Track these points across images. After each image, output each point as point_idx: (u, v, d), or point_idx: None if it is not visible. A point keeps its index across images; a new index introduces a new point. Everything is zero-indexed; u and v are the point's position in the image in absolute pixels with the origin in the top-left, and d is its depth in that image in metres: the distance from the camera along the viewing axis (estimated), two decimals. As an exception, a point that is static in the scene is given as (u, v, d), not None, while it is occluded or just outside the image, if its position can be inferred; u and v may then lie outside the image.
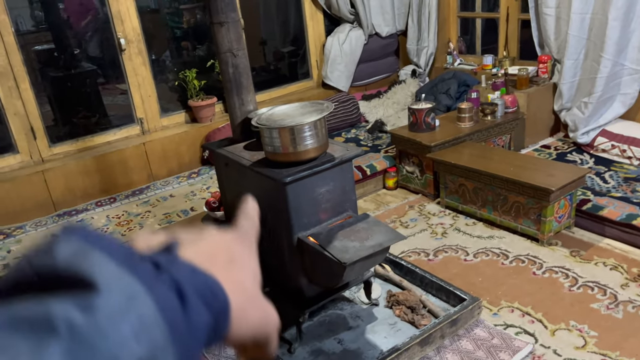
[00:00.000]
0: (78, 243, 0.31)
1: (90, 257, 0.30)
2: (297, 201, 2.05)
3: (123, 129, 3.90)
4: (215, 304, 0.35)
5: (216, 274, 0.36)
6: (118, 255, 0.31)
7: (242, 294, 0.39)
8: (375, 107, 4.59)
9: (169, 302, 0.32)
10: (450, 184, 3.30)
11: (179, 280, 0.33)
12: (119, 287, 0.30)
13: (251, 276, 0.42)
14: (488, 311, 2.40)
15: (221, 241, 0.41)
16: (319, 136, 2.03)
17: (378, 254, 1.98)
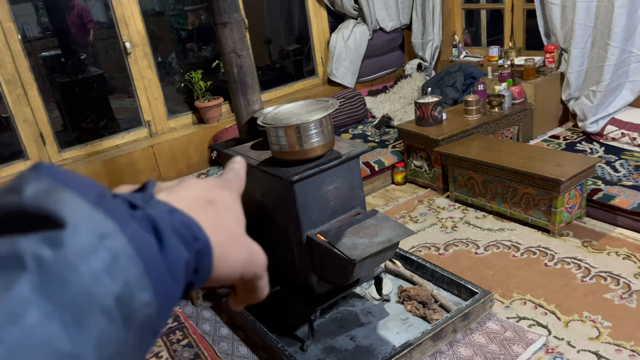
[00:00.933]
0: (47, 182, 0.30)
1: (59, 195, 0.29)
2: (305, 199, 2.05)
3: (131, 132, 3.92)
4: (194, 243, 0.34)
5: (195, 215, 0.36)
6: (88, 194, 0.31)
7: (223, 233, 0.38)
8: (382, 102, 4.58)
9: (144, 239, 0.31)
10: (459, 177, 3.28)
11: (155, 218, 0.32)
12: (88, 224, 0.29)
13: (233, 217, 0.41)
14: (500, 304, 2.39)
15: (201, 185, 0.41)
16: (325, 133, 2.03)
17: (387, 249, 1.98)
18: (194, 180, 0.41)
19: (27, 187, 0.29)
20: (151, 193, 0.36)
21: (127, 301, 0.29)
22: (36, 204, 0.29)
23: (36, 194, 0.29)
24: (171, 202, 0.36)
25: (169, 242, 0.32)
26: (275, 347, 2.20)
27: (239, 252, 0.40)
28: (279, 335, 2.34)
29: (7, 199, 0.29)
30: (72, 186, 0.30)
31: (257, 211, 2.37)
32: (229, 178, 0.45)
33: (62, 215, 0.29)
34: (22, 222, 0.28)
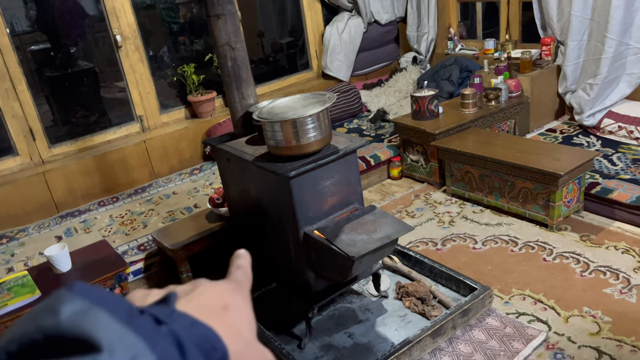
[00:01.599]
0: (81, 302, 0.31)
1: (93, 316, 0.31)
2: (302, 195, 2.01)
3: (123, 127, 3.86)
4: (214, 356, 0.35)
5: (212, 322, 0.37)
6: (119, 312, 0.32)
7: (238, 341, 0.39)
8: (377, 96, 4.54)
9: (170, 356, 0.32)
10: (455, 171, 3.25)
11: (179, 334, 0.34)
12: (122, 346, 0.30)
13: (247, 323, 0.43)
14: (499, 300, 2.37)
15: (215, 291, 0.42)
16: (322, 128, 1.98)
17: (386, 246, 1.94)
18: (208, 285, 0.43)
19: (63, 308, 0.31)
20: (173, 307, 0.37)
21: None
22: (73, 326, 0.30)
23: (72, 316, 0.30)
24: (188, 307, 0.38)
25: (192, 356, 0.33)
26: (273, 345, 2.17)
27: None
28: (275, 333, 2.30)
29: (45, 321, 0.30)
30: (105, 305, 0.32)
31: (252, 207, 2.33)
32: (239, 279, 0.47)
33: (97, 337, 0.30)
34: (60, 344, 0.29)
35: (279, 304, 2.52)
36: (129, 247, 2.91)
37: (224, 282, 0.45)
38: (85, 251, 2.63)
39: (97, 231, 3.16)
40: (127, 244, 2.94)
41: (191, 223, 2.79)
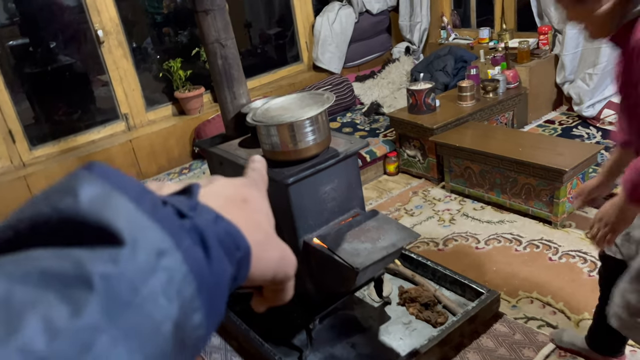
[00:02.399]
0: (102, 185, 0.29)
1: (115, 203, 0.28)
2: (301, 202, 1.89)
3: (107, 126, 3.70)
4: (237, 253, 0.34)
5: (233, 215, 0.36)
6: (143, 200, 0.30)
7: (259, 234, 0.38)
8: (370, 88, 4.41)
9: (196, 256, 0.30)
10: (455, 167, 3.15)
11: (203, 230, 0.32)
12: (146, 241, 0.28)
13: (266, 216, 0.42)
14: (506, 303, 2.28)
15: (234, 184, 0.41)
16: (320, 131, 1.86)
17: (392, 255, 1.84)
18: (226, 179, 0.42)
19: (82, 190, 0.28)
20: (196, 199, 0.35)
21: (182, 325, 0.29)
22: (93, 211, 0.27)
23: (93, 201, 0.28)
24: (209, 199, 0.36)
25: (216, 255, 0.32)
26: (272, 358, 2.06)
27: (273, 253, 0.40)
28: (274, 345, 2.20)
29: (62, 202, 0.28)
30: (127, 191, 0.29)
31: (247, 213, 2.21)
32: (255, 177, 0.45)
33: (119, 228, 0.28)
34: (76, 229, 0.27)
35: (277, 314, 2.41)
36: (117, 255, 2.78)
37: (240, 178, 0.44)
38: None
39: (83, 237, 3.02)
40: (116, 251, 2.81)
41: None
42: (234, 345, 2.30)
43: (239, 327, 2.26)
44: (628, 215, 1.27)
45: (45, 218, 0.27)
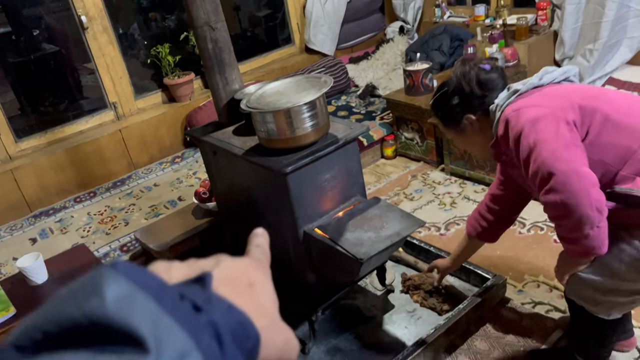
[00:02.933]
0: (126, 285, 0.30)
1: (140, 304, 0.30)
2: (300, 192, 1.81)
3: (95, 116, 3.59)
4: (247, 343, 0.35)
5: (241, 300, 0.37)
6: (165, 298, 0.31)
7: (265, 319, 0.39)
8: (364, 69, 4.31)
9: (213, 351, 0.32)
10: (454, 149, 3.08)
11: (218, 324, 0.33)
12: (170, 345, 0.29)
13: (271, 300, 0.43)
14: (512, 288, 2.23)
15: (239, 266, 0.42)
16: (319, 117, 1.78)
17: (396, 244, 1.77)
18: (231, 260, 0.42)
19: (108, 291, 0.29)
20: (210, 291, 0.36)
21: None
22: (120, 315, 0.28)
23: (119, 302, 0.29)
24: (220, 290, 0.37)
25: (229, 349, 0.33)
26: (274, 352, 2.00)
27: (278, 338, 0.40)
28: (276, 338, 2.14)
29: (90, 304, 0.29)
30: (150, 290, 0.31)
31: (243, 203, 2.13)
32: (259, 257, 0.46)
33: (144, 334, 0.28)
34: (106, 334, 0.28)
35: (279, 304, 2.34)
36: (110, 249, 2.70)
37: (245, 258, 0.44)
38: (62, 258, 2.41)
39: (74, 231, 2.94)
40: (109, 245, 2.73)
41: (177, 220, 2.58)
42: (235, 339, 2.23)
43: (239, 320, 2.20)
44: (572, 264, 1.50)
45: (74, 321, 0.28)
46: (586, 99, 1.37)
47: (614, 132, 1.32)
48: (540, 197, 1.36)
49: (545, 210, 1.39)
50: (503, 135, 1.42)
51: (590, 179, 1.27)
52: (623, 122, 1.33)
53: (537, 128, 1.32)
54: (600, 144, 1.33)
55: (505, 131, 1.41)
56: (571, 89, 1.44)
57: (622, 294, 1.46)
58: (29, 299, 2.12)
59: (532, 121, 1.33)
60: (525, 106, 1.39)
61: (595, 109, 1.34)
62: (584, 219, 1.28)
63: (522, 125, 1.35)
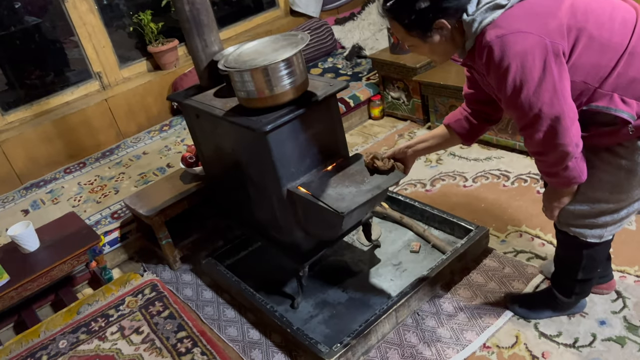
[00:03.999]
0: None
1: None
2: (282, 150, 1.84)
3: (81, 87, 3.57)
4: None
5: None
6: None
7: None
8: (350, 31, 4.27)
9: None
10: (440, 106, 3.09)
11: None
12: None
13: None
14: (495, 239, 2.28)
15: None
16: (297, 74, 1.78)
17: (377, 197, 1.81)
18: None
19: None
20: None
21: None
22: None
23: None
24: None
25: None
26: (264, 308, 2.06)
27: None
28: (266, 294, 2.20)
29: None
30: None
31: (229, 165, 2.16)
32: None
33: None
34: None
35: (267, 263, 2.40)
36: (101, 216, 2.73)
37: None
38: (53, 226, 2.45)
39: (65, 201, 2.96)
40: (100, 213, 2.76)
41: (165, 185, 2.61)
42: (226, 298, 2.29)
43: (230, 279, 2.25)
44: (556, 196, 1.53)
45: None
46: (574, 17, 1.27)
47: (596, 52, 1.28)
48: (521, 132, 1.38)
49: (526, 145, 1.42)
50: (485, 63, 1.31)
51: (572, 116, 1.28)
52: (605, 41, 1.27)
53: (525, 65, 1.25)
54: (582, 65, 1.28)
55: (487, 60, 1.30)
56: (558, 2, 1.29)
57: (613, 211, 1.49)
58: (22, 266, 2.17)
59: (520, 56, 1.25)
60: (510, 31, 1.25)
61: (582, 30, 1.27)
62: (564, 154, 1.33)
63: (509, 62, 1.26)
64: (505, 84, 1.30)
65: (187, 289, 2.41)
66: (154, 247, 2.59)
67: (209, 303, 2.29)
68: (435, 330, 1.91)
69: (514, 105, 1.34)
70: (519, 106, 1.32)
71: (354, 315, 2.04)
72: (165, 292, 2.20)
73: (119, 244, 2.64)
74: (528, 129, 1.35)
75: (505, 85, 1.30)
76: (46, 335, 2.10)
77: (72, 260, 2.20)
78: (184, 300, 2.33)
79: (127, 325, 2.08)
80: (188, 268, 2.53)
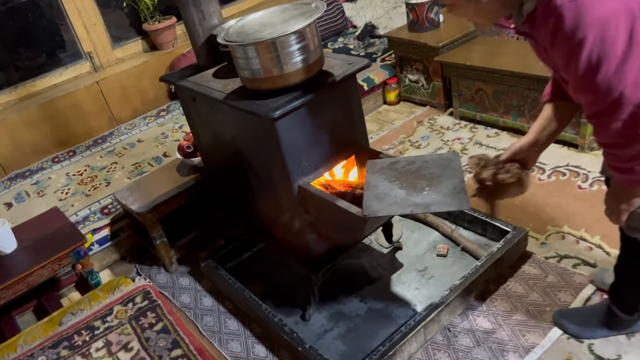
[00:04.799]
0: None
1: None
2: (292, 140, 1.56)
3: (70, 68, 3.29)
4: None
5: None
6: None
7: None
8: (362, 8, 3.96)
9: None
10: (464, 90, 2.79)
11: None
12: None
13: None
14: (534, 241, 2.00)
15: None
16: (310, 49, 1.50)
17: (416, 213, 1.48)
18: None
19: None
20: None
21: None
22: None
23: None
24: None
25: None
26: (271, 321, 1.80)
27: None
28: (273, 303, 1.94)
29: None
30: None
31: (230, 156, 1.88)
32: None
33: None
34: None
35: (274, 266, 2.13)
36: (90, 212, 2.47)
37: None
38: (33, 224, 2.18)
39: (52, 194, 2.70)
40: (89, 208, 2.50)
41: (160, 177, 2.34)
42: (228, 306, 2.03)
43: (232, 285, 1.99)
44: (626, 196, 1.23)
45: None
46: None
47: None
48: (592, 119, 1.09)
49: (597, 135, 1.13)
50: (551, 32, 1.04)
51: None
52: None
53: (606, 36, 0.98)
54: None
55: (554, 29, 1.03)
56: None
57: None
58: (-2, 271, 1.91)
59: (599, 24, 0.98)
60: None
61: None
62: None
63: (585, 32, 0.99)
64: (578, 61, 1.01)
65: (184, 294, 2.14)
66: (148, 246, 2.33)
67: (209, 312, 2.03)
68: (470, 350, 1.64)
69: (587, 88, 1.05)
70: (594, 89, 1.04)
71: (374, 329, 1.77)
72: (159, 300, 1.94)
73: (109, 242, 2.38)
74: (603, 117, 1.07)
75: (578, 62, 1.02)
76: (24, 350, 1.85)
77: (53, 264, 1.94)
78: (181, 308, 2.07)
79: (115, 340, 1.82)
80: (186, 270, 2.27)
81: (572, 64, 1.04)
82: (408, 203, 1.43)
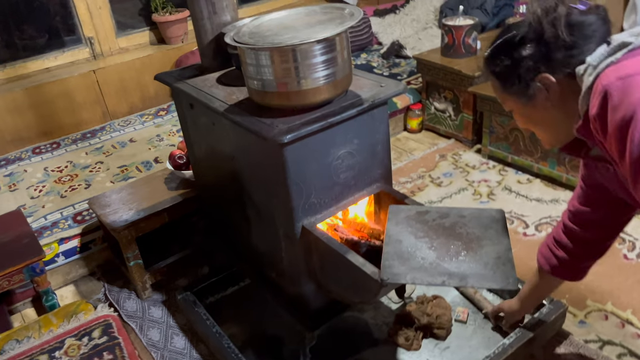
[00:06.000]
0: None
1: None
2: (301, 170, 1.26)
3: (67, 52, 3.01)
4: None
5: None
6: None
7: None
8: (391, 25, 3.69)
9: None
10: (497, 127, 2.50)
11: None
12: None
13: None
14: (571, 317, 1.70)
15: None
16: (338, 64, 1.21)
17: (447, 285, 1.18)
18: None
19: None
20: None
21: None
22: None
23: None
24: None
25: None
26: (251, 381, 1.49)
27: None
28: (255, 356, 1.62)
29: None
30: None
31: (226, 176, 1.59)
32: None
33: None
34: None
35: (262, 307, 1.82)
36: (62, 216, 2.17)
37: None
38: (-11, 227, 1.88)
39: (24, 189, 2.40)
40: (60, 212, 2.20)
41: (145, 188, 2.04)
42: (202, 351, 1.72)
43: (209, 329, 1.68)
44: None
45: None
46: None
47: None
48: None
49: None
50: (599, 114, 0.87)
51: None
52: None
53: None
54: None
55: (602, 109, 0.86)
56: None
57: None
58: None
59: None
60: (637, 72, 0.84)
61: None
62: None
63: (635, 107, 0.81)
64: (630, 141, 0.82)
65: (153, 329, 1.83)
66: (121, 265, 2.02)
67: (179, 355, 1.72)
68: None
69: None
70: None
71: (373, 407, 1.46)
72: (120, 338, 1.62)
73: (77, 255, 2.07)
74: None
75: (630, 143, 0.83)
76: (-50, 381, 1.53)
77: (1, 279, 1.63)
78: (147, 346, 1.76)
79: (60, 382, 1.51)
80: (159, 299, 1.96)
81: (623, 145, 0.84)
82: (439, 271, 1.12)
